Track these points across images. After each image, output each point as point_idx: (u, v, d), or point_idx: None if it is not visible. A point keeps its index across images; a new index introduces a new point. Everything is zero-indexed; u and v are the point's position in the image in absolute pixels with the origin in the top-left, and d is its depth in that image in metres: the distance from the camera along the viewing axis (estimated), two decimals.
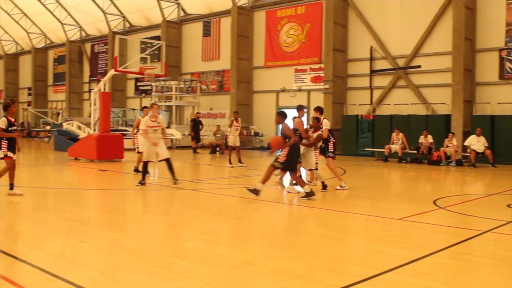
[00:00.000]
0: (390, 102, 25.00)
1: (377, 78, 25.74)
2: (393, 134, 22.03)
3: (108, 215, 8.81)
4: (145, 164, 12.65)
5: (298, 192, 11.55)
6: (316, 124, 12.37)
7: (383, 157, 22.07)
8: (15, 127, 10.49)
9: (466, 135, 21.05)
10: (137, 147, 14.78)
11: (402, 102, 24.36)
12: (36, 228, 7.85)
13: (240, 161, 18.01)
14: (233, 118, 18.75)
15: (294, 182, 11.67)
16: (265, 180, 10.59)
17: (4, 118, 10.25)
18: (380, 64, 25.52)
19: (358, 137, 25.14)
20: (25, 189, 11.79)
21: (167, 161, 12.51)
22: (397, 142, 21.77)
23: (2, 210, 9.50)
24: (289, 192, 11.88)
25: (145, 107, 15.65)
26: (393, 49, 25.04)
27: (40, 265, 5.54)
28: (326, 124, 12.86)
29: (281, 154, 10.62)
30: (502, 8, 21.77)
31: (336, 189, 12.50)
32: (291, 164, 10.78)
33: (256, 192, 10.50)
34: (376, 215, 9.31)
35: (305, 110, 13.47)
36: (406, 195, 12.93)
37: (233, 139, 18.17)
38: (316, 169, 12.63)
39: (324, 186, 12.21)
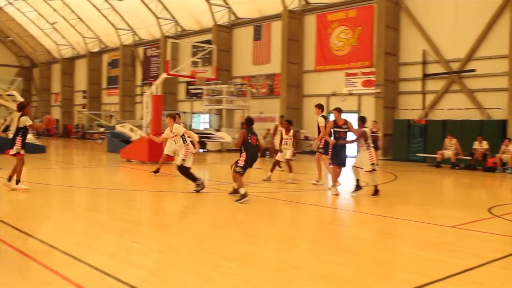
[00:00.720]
0: (443, 107, 24.46)
1: (430, 82, 25.25)
2: (446, 140, 21.53)
3: (159, 216, 8.94)
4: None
5: (337, 194, 12.02)
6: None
7: (436, 163, 21.61)
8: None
9: None
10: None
11: (455, 107, 23.78)
12: (90, 227, 8.03)
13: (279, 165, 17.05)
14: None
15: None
16: (240, 185, 10.67)
17: (27, 117, 11.08)
18: (433, 68, 25.02)
19: (409, 142, 24.70)
20: (79, 190, 12.11)
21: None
22: (450, 148, 21.25)
23: (56, 209, 9.78)
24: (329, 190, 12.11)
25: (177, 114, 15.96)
26: (446, 53, 24.51)
27: (93, 264, 5.66)
28: (321, 122, 13.52)
29: (240, 159, 10.89)
30: None
31: (312, 183, 13.71)
32: (249, 165, 11.12)
33: (243, 197, 10.50)
34: (427, 222, 9.11)
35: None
36: (459, 202, 12.61)
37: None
38: (374, 170, 12.49)
39: (376, 192, 12.01)
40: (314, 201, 11.65)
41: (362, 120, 13.00)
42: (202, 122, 37.52)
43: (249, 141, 11.00)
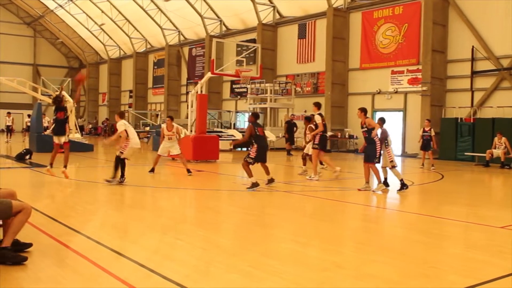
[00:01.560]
0: (493, 105, 23.84)
1: (479, 79, 24.64)
2: (495, 138, 20.97)
3: (202, 214, 9.02)
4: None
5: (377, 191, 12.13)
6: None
7: (484, 162, 21.08)
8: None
9: None
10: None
11: (505, 105, 23.14)
12: (135, 224, 8.17)
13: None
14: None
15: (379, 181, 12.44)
16: (250, 175, 12.01)
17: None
18: (482, 65, 24.40)
19: (457, 141, 24.17)
20: (124, 188, 12.34)
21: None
22: (499, 147, 20.69)
23: (103, 206, 9.99)
24: (374, 191, 12.04)
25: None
26: (496, 49, 23.87)
27: (138, 260, 5.75)
28: (318, 119, 14.24)
29: (251, 151, 12.16)
30: None
31: (307, 178, 14.19)
32: (262, 156, 12.32)
33: (254, 185, 11.91)
34: (475, 222, 8.91)
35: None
36: (509, 203, 12.26)
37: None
38: (394, 167, 12.76)
39: (403, 185, 12.34)
40: (358, 200, 11.53)
41: (382, 121, 13.44)
42: (246, 121, 37.66)
43: (257, 133, 12.20)
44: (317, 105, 15.03)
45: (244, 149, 29.16)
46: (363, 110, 12.99)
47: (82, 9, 50.25)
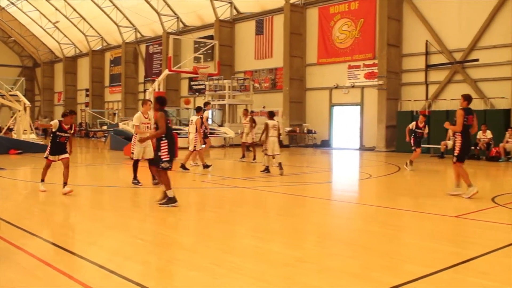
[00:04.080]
0: (447, 97, 24.40)
1: (433, 73, 25.18)
2: (449, 130, 21.44)
3: (162, 212, 8.94)
4: (136, 163, 12.53)
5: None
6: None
7: (439, 153, 21.57)
8: (65, 134, 10.84)
9: None
10: (194, 146, 15.67)
11: (459, 97, 23.46)
12: (94, 225, 8.05)
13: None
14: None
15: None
16: (169, 186, 9.25)
17: (57, 121, 10.81)
18: (436, 59, 24.94)
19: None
20: (83, 188, 12.15)
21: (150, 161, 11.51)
22: (453, 138, 21.18)
23: (60, 208, 9.81)
24: (452, 194, 10.81)
25: (207, 103, 16.73)
26: (449, 43, 24.43)
27: (97, 261, 5.67)
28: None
29: (162, 152, 9.24)
30: None
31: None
32: (173, 155, 9.57)
33: (171, 201, 9.20)
34: (432, 212, 9.11)
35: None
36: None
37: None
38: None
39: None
40: (318, 195, 11.65)
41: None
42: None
43: (169, 124, 9.69)
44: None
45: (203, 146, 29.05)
46: (467, 98, 11.36)
47: (35, 7, 49.17)
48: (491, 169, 17.83)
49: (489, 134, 20.54)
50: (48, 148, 11.00)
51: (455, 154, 10.84)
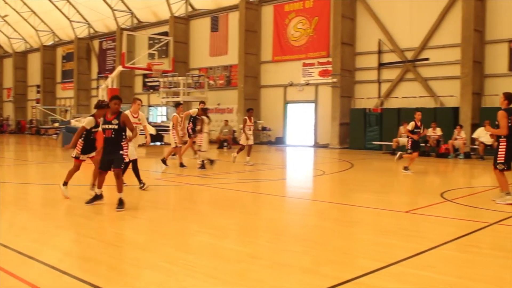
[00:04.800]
0: (398, 95, 24.93)
1: (385, 71, 25.67)
2: (401, 128, 21.95)
3: (115, 210, 8.83)
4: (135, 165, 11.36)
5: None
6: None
7: (391, 150, 22.02)
8: (97, 129, 9.79)
9: (474, 127, 20.96)
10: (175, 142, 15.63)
11: (410, 95, 24.27)
12: (45, 224, 7.89)
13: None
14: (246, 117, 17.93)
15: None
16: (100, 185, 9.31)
17: (91, 119, 9.68)
18: (388, 57, 25.44)
19: (366, 131, 25.08)
20: (33, 186, 11.89)
21: (134, 163, 11.16)
22: (404, 136, 21.66)
23: (10, 207, 9.58)
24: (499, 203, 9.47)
25: (179, 103, 16.45)
26: (401, 42, 24.94)
27: (48, 262, 5.56)
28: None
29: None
30: None
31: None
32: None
33: (97, 198, 9.27)
34: (383, 208, 9.30)
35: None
36: (413, 188, 12.89)
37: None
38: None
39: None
40: (272, 191, 11.72)
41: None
42: (159, 114, 37.26)
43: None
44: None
45: (158, 143, 28.83)
46: (508, 97, 9.57)
47: None
48: (441, 165, 18.31)
49: (439, 131, 21.08)
50: (79, 146, 9.93)
51: (498, 160, 9.46)
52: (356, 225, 8.19)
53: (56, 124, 39.94)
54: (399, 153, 16.23)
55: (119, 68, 22.11)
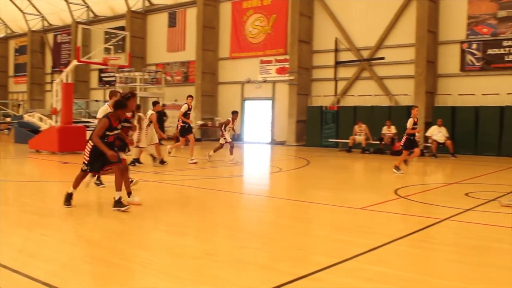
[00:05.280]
0: (354, 94, 25.27)
1: (342, 69, 25.97)
2: (356, 127, 22.33)
3: (70, 207, 8.69)
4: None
5: None
6: None
7: (347, 148, 22.32)
8: (128, 124, 9.15)
9: (428, 126, 21.44)
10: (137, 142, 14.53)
11: (366, 94, 24.64)
12: None
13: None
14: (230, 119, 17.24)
15: None
16: (75, 185, 8.63)
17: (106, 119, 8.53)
18: (345, 56, 25.75)
19: (322, 128, 25.35)
20: None
21: None
22: (360, 134, 22.05)
23: None
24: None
25: (156, 102, 16.53)
26: (357, 41, 25.28)
27: (0, 261, 5.43)
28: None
29: (84, 155, 8.51)
30: (464, 2, 22.23)
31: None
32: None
33: (69, 197, 8.58)
34: (339, 205, 9.43)
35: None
36: (368, 185, 13.12)
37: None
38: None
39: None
40: (229, 188, 11.74)
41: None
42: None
43: None
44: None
45: None
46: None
47: None
48: (395, 162, 18.62)
49: (393, 129, 21.48)
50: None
51: None
52: (312, 221, 8.28)
53: (8, 119, 38.88)
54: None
55: (74, 63, 21.62)
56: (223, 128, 16.81)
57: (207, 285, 4.86)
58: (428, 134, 20.76)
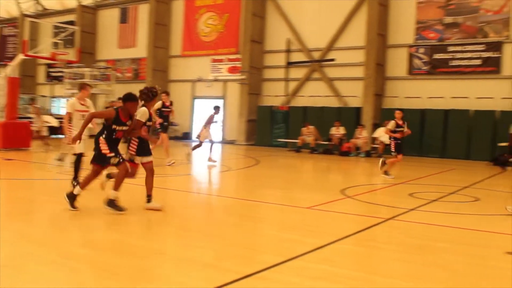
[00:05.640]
0: (305, 94, 25.53)
1: (293, 70, 26.19)
2: (304, 129, 22.59)
3: (13, 204, 8.48)
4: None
5: None
6: None
7: (296, 147, 22.54)
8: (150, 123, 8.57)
9: (375, 127, 21.87)
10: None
11: (316, 94, 24.93)
12: None
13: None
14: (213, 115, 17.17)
15: None
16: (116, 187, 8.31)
17: (145, 109, 8.31)
18: (296, 57, 25.98)
19: (272, 128, 25.50)
20: None
21: (80, 156, 10.22)
22: (308, 135, 22.33)
23: None
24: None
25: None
26: (309, 42, 25.54)
27: None
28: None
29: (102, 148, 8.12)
30: (413, 7, 22.79)
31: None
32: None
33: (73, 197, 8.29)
34: (287, 204, 9.52)
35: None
36: (316, 185, 13.29)
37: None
38: None
39: None
40: (178, 187, 11.68)
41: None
42: (63, 106, 35.91)
43: None
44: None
45: (62, 136, 27.87)
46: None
47: None
48: (343, 163, 18.96)
49: (342, 130, 21.83)
50: (134, 145, 8.52)
51: None
52: (260, 220, 8.33)
53: None
54: (381, 159, 14.36)
55: (21, 56, 21.08)
56: (205, 125, 16.44)
57: (152, 284, 4.83)
58: (375, 135, 21.20)
